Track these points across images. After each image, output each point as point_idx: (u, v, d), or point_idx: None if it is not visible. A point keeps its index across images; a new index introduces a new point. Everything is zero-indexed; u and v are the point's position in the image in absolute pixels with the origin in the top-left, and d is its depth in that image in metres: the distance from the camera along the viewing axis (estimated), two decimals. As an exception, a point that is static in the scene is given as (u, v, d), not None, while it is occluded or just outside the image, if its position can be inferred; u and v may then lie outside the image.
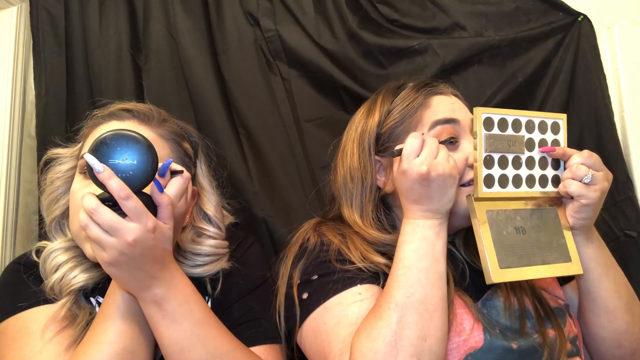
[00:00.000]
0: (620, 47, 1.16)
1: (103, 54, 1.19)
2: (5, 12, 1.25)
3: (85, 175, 0.77)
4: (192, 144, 0.90)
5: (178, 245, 0.84)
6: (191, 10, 1.21)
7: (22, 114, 1.24)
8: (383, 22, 1.18)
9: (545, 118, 0.79)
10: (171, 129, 0.85)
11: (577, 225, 0.77)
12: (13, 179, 1.19)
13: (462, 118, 0.83)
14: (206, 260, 0.84)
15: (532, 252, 0.74)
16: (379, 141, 0.85)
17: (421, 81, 0.89)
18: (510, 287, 0.79)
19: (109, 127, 0.80)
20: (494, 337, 0.73)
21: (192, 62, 1.18)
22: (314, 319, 0.74)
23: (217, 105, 1.16)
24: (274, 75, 1.18)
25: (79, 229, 0.75)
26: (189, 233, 0.86)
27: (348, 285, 0.73)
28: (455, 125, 0.82)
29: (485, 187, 0.74)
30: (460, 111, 0.84)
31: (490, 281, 0.70)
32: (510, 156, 0.77)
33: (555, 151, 0.78)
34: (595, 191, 0.73)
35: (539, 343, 0.74)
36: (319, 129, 1.16)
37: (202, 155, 0.92)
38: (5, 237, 1.16)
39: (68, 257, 0.82)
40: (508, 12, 1.17)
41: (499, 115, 0.76)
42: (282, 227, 1.09)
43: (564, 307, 0.82)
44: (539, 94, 1.14)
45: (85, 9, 1.22)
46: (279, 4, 1.19)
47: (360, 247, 0.79)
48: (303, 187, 1.12)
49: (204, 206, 0.89)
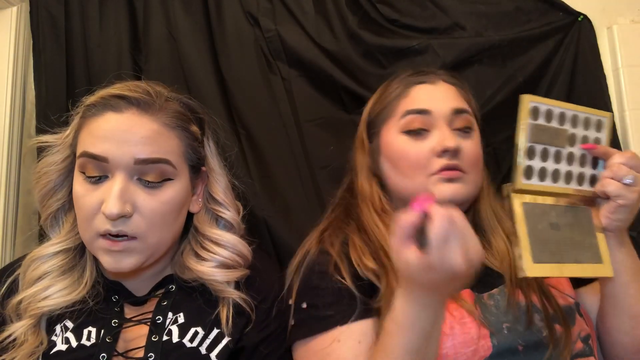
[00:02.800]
0: (620, 47, 1.16)
1: (103, 54, 1.19)
2: (5, 12, 1.25)
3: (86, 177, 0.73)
4: (198, 122, 0.84)
5: (198, 231, 0.82)
6: (191, 10, 1.21)
7: (22, 114, 1.24)
8: (383, 22, 1.17)
9: (590, 114, 0.77)
10: (175, 113, 0.78)
11: (611, 227, 0.74)
12: (13, 179, 1.19)
13: (438, 109, 0.82)
14: (227, 256, 0.79)
15: (565, 249, 0.71)
16: (369, 128, 0.91)
17: (412, 71, 0.90)
18: (517, 283, 0.78)
19: (105, 120, 0.73)
20: (502, 340, 0.71)
21: (192, 62, 1.18)
22: (298, 349, 0.77)
23: (217, 105, 1.15)
24: (274, 75, 1.18)
25: (93, 237, 0.72)
26: (205, 215, 0.84)
27: (331, 325, 0.72)
28: (427, 116, 0.82)
29: (525, 179, 0.72)
30: (440, 101, 0.83)
31: (524, 274, 0.68)
32: (552, 149, 0.74)
33: (597, 149, 0.76)
34: (634, 192, 0.71)
35: (545, 337, 0.73)
36: (319, 129, 1.15)
37: (209, 132, 0.88)
38: (5, 237, 1.16)
39: (52, 266, 0.77)
40: (508, 12, 1.17)
41: (546, 106, 0.73)
42: (282, 227, 1.09)
43: (573, 305, 0.80)
44: (539, 94, 1.13)
45: (85, 9, 1.22)
46: (279, 4, 1.19)
47: (359, 249, 0.79)
48: (303, 187, 1.12)
49: (213, 187, 0.85)
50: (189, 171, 0.80)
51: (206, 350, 0.73)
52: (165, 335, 0.73)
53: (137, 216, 0.72)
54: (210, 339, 0.74)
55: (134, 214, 0.72)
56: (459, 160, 0.81)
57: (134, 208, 0.72)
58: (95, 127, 0.74)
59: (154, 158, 0.72)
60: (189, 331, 0.74)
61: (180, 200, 0.77)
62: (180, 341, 0.73)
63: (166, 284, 0.80)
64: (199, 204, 0.83)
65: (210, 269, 0.78)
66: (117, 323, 0.75)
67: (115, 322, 0.75)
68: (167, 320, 0.75)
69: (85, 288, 0.76)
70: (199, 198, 0.83)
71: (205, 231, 0.81)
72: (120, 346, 0.73)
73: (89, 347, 0.72)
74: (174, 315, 0.76)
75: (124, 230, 0.71)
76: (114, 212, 0.69)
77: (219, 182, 0.85)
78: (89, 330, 0.74)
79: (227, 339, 0.75)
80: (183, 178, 0.78)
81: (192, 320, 0.75)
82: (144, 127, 0.73)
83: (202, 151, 0.84)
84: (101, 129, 0.73)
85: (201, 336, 0.74)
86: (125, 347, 0.73)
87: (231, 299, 0.77)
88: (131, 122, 0.73)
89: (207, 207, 0.84)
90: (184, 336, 0.73)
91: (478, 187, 0.86)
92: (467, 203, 0.85)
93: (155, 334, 0.73)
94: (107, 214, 0.69)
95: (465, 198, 0.83)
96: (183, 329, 0.74)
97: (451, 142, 0.80)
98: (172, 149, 0.75)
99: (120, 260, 0.72)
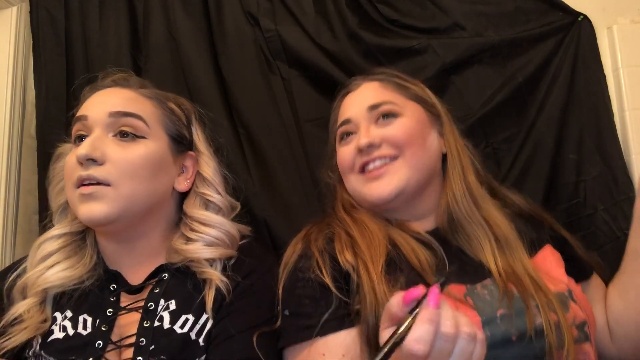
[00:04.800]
0: (620, 47, 1.16)
1: (103, 54, 1.19)
2: (5, 12, 1.25)
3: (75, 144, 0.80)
4: (180, 108, 0.92)
5: (187, 215, 0.85)
6: (191, 10, 1.21)
7: (22, 114, 1.24)
8: (383, 22, 1.17)
9: None
10: (154, 90, 0.89)
11: None
12: (13, 179, 1.19)
13: (355, 114, 0.88)
14: (215, 235, 0.83)
15: None
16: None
17: (344, 84, 0.97)
18: (506, 274, 0.77)
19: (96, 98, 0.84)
20: (494, 329, 0.70)
21: (192, 62, 1.18)
22: (286, 355, 0.77)
23: (217, 105, 1.15)
24: (274, 75, 1.18)
25: (72, 191, 0.77)
26: (195, 200, 0.87)
27: (313, 335, 0.72)
28: (349, 124, 0.89)
29: None
30: (358, 106, 0.88)
31: None
32: None
33: None
34: None
35: (541, 326, 0.71)
36: (319, 129, 1.15)
37: (197, 122, 0.95)
38: (5, 237, 1.16)
39: (58, 247, 0.82)
40: (508, 12, 1.17)
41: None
42: (282, 227, 1.09)
43: (566, 291, 0.79)
44: (539, 94, 1.14)
45: (85, 9, 1.22)
46: (279, 4, 1.19)
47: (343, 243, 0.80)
48: (303, 187, 1.12)
49: (202, 170, 0.89)
50: (169, 141, 0.85)
51: (195, 336, 0.76)
52: (156, 321, 0.76)
53: (109, 165, 0.77)
54: (200, 325, 0.77)
55: (106, 163, 0.77)
56: (380, 151, 0.84)
57: (106, 157, 0.77)
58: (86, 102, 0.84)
59: (126, 112, 0.80)
60: (179, 318, 0.77)
61: (154, 161, 0.81)
62: (171, 327, 0.76)
63: (160, 273, 0.82)
64: (186, 185, 0.88)
65: (196, 247, 0.81)
66: (112, 312, 0.78)
67: (110, 311, 0.78)
68: (159, 307, 0.78)
69: (86, 267, 0.81)
70: (186, 179, 0.88)
71: (193, 214, 0.85)
72: (115, 333, 0.76)
73: (84, 336, 0.75)
74: (165, 302, 0.78)
75: (93, 174, 0.76)
76: (82, 152, 0.75)
77: (208, 164, 0.91)
78: (84, 318, 0.77)
79: (210, 322, 0.77)
80: (158, 142, 0.83)
81: (183, 308, 0.78)
82: (120, 93, 0.85)
83: (188, 135, 0.91)
84: (88, 100, 0.84)
85: (191, 322, 0.77)
86: (119, 334, 0.77)
87: (215, 282, 0.79)
88: (110, 91, 0.85)
89: (196, 191, 0.88)
90: (175, 322, 0.76)
91: (424, 168, 0.85)
92: (418, 186, 0.84)
93: (146, 320, 0.76)
94: (77, 156, 0.76)
95: (404, 185, 0.83)
96: (174, 315, 0.77)
97: (362, 140, 0.84)
98: (145, 110, 0.83)
99: (91, 206, 0.75)
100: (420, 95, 0.92)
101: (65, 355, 0.74)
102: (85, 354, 0.73)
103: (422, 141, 0.86)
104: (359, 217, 0.86)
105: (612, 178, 1.10)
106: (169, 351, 0.73)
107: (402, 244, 0.80)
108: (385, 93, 0.89)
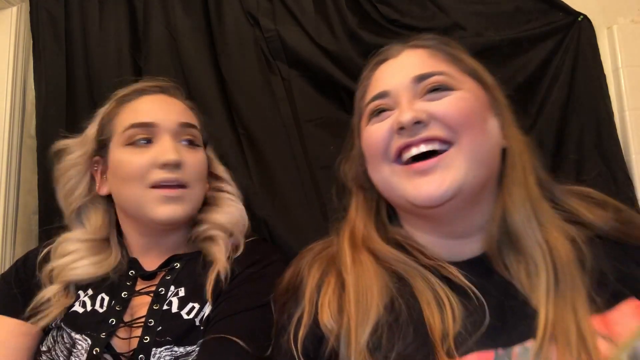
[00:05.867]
0: (620, 47, 1.16)
1: (103, 54, 1.19)
2: (5, 12, 1.25)
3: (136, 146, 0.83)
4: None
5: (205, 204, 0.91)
6: (191, 10, 1.21)
7: (22, 114, 1.24)
8: (383, 22, 1.17)
9: None
10: (187, 100, 0.95)
11: None
12: (13, 179, 1.19)
13: (395, 86, 0.68)
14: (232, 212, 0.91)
15: None
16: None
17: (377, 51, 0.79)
18: (552, 326, 0.57)
19: (142, 101, 0.88)
20: None
21: (192, 62, 1.18)
22: None
23: (217, 105, 1.16)
24: (274, 75, 1.18)
25: (145, 191, 0.82)
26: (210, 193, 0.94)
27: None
28: (386, 98, 0.69)
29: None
30: (397, 76, 0.69)
31: None
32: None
33: None
34: None
35: None
36: (319, 129, 1.15)
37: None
38: (5, 237, 1.16)
39: (80, 247, 0.87)
40: (508, 12, 1.17)
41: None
42: (282, 227, 1.09)
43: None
44: (539, 94, 1.14)
45: (85, 9, 1.22)
46: (279, 4, 1.19)
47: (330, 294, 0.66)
48: (303, 187, 1.12)
49: (213, 169, 0.96)
50: (204, 148, 0.94)
51: (199, 322, 0.80)
52: (165, 305, 0.82)
53: (185, 168, 0.85)
54: (203, 312, 0.81)
55: (184, 168, 0.85)
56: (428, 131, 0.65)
57: (182, 161, 0.84)
58: (135, 106, 0.88)
59: (191, 123, 0.90)
60: (187, 305, 0.82)
61: (206, 167, 0.92)
62: (178, 312, 0.81)
63: (172, 262, 0.88)
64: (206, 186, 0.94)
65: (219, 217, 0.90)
66: (127, 294, 0.84)
67: (125, 294, 0.84)
68: (169, 292, 0.83)
69: (110, 265, 0.86)
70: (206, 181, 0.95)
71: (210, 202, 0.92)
72: (128, 313, 0.83)
73: (100, 313, 0.82)
74: (175, 289, 0.84)
75: (178, 178, 0.83)
76: (172, 158, 0.82)
77: (215, 162, 0.98)
78: (102, 297, 0.84)
79: (210, 308, 0.81)
80: (202, 149, 0.92)
81: (191, 296, 0.83)
82: (178, 103, 0.91)
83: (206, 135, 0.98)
84: (143, 104, 0.88)
85: (197, 310, 0.81)
86: (131, 314, 0.83)
87: (217, 267, 0.83)
88: (167, 100, 0.91)
89: (211, 186, 0.96)
90: (183, 308, 0.81)
91: (485, 162, 0.65)
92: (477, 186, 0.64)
93: (156, 303, 0.82)
94: (166, 161, 0.82)
95: (461, 182, 0.62)
96: (182, 302, 0.82)
97: (404, 115, 0.64)
98: (197, 122, 0.92)
99: (175, 208, 0.83)
100: (479, 71, 0.72)
101: (82, 329, 0.80)
102: (99, 329, 0.80)
103: (482, 124, 0.66)
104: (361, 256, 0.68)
105: (612, 178, 1.10)
106: (175, 333, 0.78)
107: (417, 289, 0.62)
108: (436, 63, 0.69)
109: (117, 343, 0.79)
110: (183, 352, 0.77)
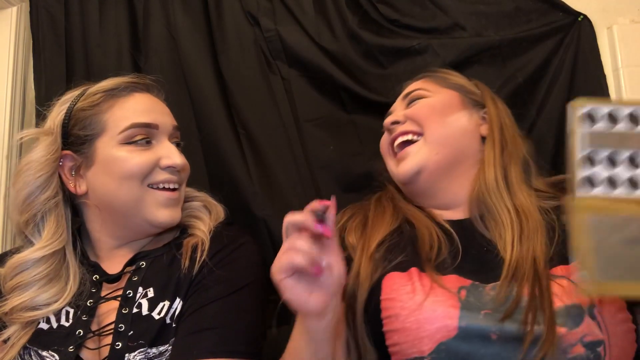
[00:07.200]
0: (620, 47, 1.16)
1: (103, 54, 1.19)
2: (5, 12, 1.25)
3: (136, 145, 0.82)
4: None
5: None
6: (191, 10, 1.21)
7: (22, 114, 1.24)
8: (383, 22, 1.17)
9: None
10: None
11: None
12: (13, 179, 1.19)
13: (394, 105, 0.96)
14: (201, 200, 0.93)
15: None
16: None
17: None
18: (516, 265, 0.74)
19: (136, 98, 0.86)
20: (472, 323, 0.68)
21: (192, 62, 1.18)
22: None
23: (217, 105, 1.16)
24: (274, 75, 1.18)
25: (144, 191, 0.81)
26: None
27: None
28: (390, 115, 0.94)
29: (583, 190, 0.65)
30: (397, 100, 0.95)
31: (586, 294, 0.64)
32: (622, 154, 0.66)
33: None
34: None
35: (523, 331, 0.67)
36: (319, 129, 1.15)
37: None
38: (5, 237, 1.16)
39: (37, 275, 0.80)
40: (508, 12, 1.17)
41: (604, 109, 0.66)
42: (281, 227, 1.08)
43: (585, 307, 0.70)
44: (539, 94, 1.14)
45: (85, 9, 1.22)
46: (279, 4, 1.19)
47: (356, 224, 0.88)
48: (303, 187, 1.12)
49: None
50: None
51: (170, 319, 0.78)
52: (135, 308, 0.78)
53: (182, 172, 0.87)
54: (173, 309, 0.79)
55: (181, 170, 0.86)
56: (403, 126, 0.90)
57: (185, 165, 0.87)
58: (131, 104, 0.85)
59: (179, 126, 0.91)
60: (157, 305, 0.79)
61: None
62: (149, 314, 0.78)
63: (137, 261, 0.84)
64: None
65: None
66: (92, 302, 0.80)
67: (90, 302, 0.81)
68: (137, 294, 0.80)
69: (70, 293, 0.81)
70: None
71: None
72: (95, 321, 0.79)
73: (67, 327, 0.79)
74: (144, 290, 0.80)
75: (178, 180, 0.86)
76: (179, 162, 0.84)
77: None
78: (67, 310, 0.81)
79: (181, 304, 0.79)
80: None
81: (161, 295, 0.80)
82: (164, 104, 0.91)
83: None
84: (141, 104, 0.86)
85: (167, 307, 0.79)
86: (99, 322, 0.79)
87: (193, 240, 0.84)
88: (157, 100, 0.90)
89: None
90: (153, 309, 0.78)
91: (447, 146, 0.86)
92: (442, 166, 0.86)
93: (125, 307, 0.78)
94: (173, 164, 0.83)
95: (423, 163, 0.85)
96: (153, 303, 0.79)
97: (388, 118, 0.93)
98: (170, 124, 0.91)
99: (174, 212, 0.85)
100: (460, 83, 0.95)
101: (48, 345, 0.77)
102: (66, 343, 0.76)
103: (442, 117, 0.88)
104: (384, 202, 0.91)
105: (612, 178, 1.10)
106: (148, 336, 0.75)
107: (418, 228, 0.83)
108: (421, 84, 0.94)
109: (87, 354, 0.75)
110: (156, 353, 0.75)
